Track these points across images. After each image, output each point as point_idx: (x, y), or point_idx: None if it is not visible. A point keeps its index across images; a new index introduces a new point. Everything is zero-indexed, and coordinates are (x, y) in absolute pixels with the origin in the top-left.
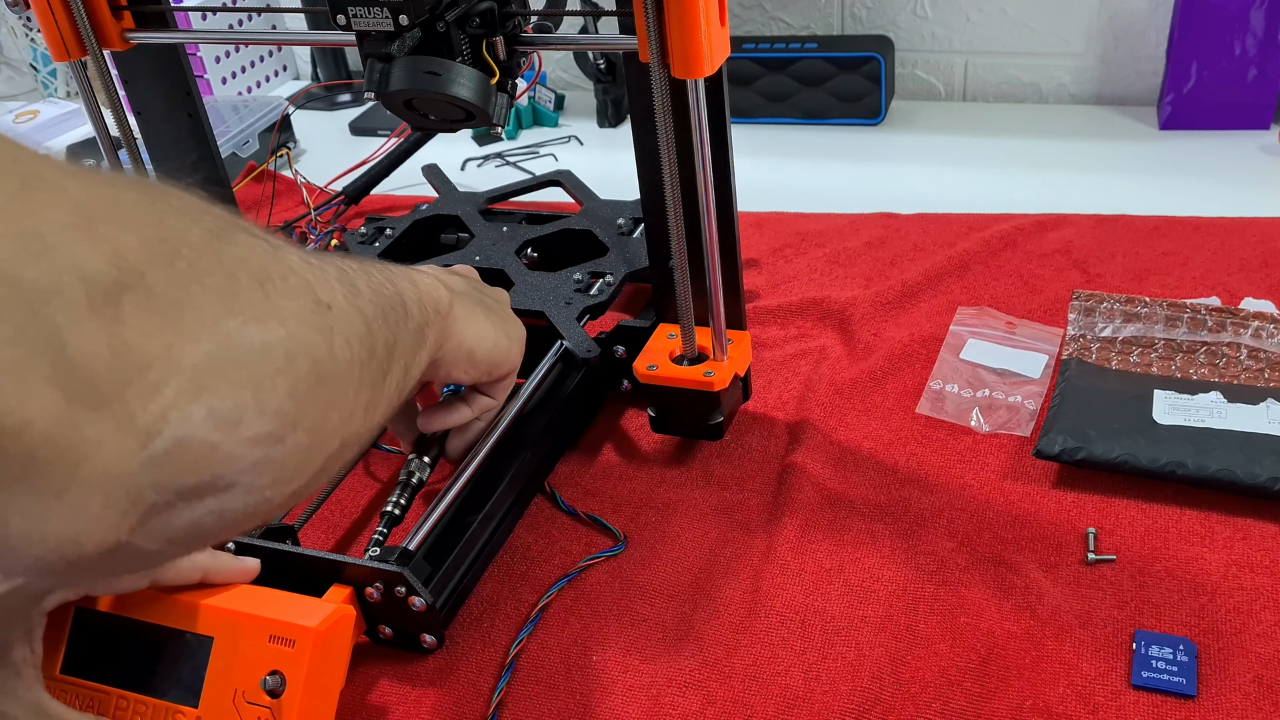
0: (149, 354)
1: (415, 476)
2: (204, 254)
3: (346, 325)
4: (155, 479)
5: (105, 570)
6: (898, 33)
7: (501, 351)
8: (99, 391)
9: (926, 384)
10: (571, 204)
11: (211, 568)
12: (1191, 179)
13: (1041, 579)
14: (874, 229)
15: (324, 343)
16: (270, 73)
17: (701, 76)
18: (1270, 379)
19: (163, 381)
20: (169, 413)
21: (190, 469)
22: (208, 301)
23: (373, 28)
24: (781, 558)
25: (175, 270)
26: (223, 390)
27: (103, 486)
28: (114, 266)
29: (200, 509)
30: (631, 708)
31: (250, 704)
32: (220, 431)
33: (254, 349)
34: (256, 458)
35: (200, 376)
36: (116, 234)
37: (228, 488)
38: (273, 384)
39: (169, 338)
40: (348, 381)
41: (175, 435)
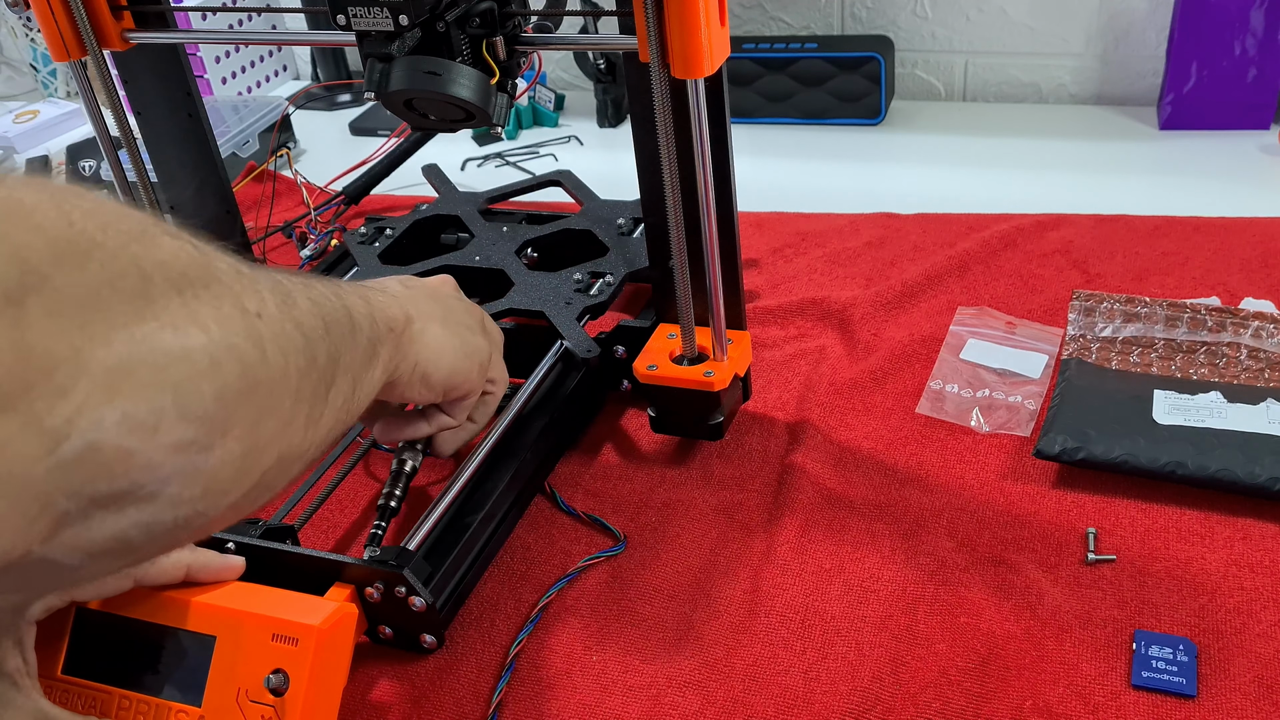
0: (55, 356)
1: (408, 464)
2: (118, 257)
3: (279, 333)
4: (65, 485)
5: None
6: (898, 33)
7: (460, 375)
8: (2, 393)
9: (926, 384)
10: (571, 204)
11: (195, 564)
12: (1191, 179)
13: (1041, 579)
14: (874, 229)
15: (253, 349)
16: (270, 73)
17: (701, 76)
18: (1270, 379)
19: (70, 385)
20: (77, 417)
21: (104, 475)
22: (120, 306)
23: (373, 28)
24: (781, 558)
25: (85, 273)
26: (137, 394)
27: (6, 490)
28: (15, 268)
29: (123, 520)
30: (631, 708)
31: (253, 703)
32: (135, 437)
33: (172, 353)
34: (180, 465)
35: (112, 380)
36: (17, 235)
37: (150, 497)
38: (196, 388)
39: (76, 341)
40: (283, 391)
41: (85, 440)
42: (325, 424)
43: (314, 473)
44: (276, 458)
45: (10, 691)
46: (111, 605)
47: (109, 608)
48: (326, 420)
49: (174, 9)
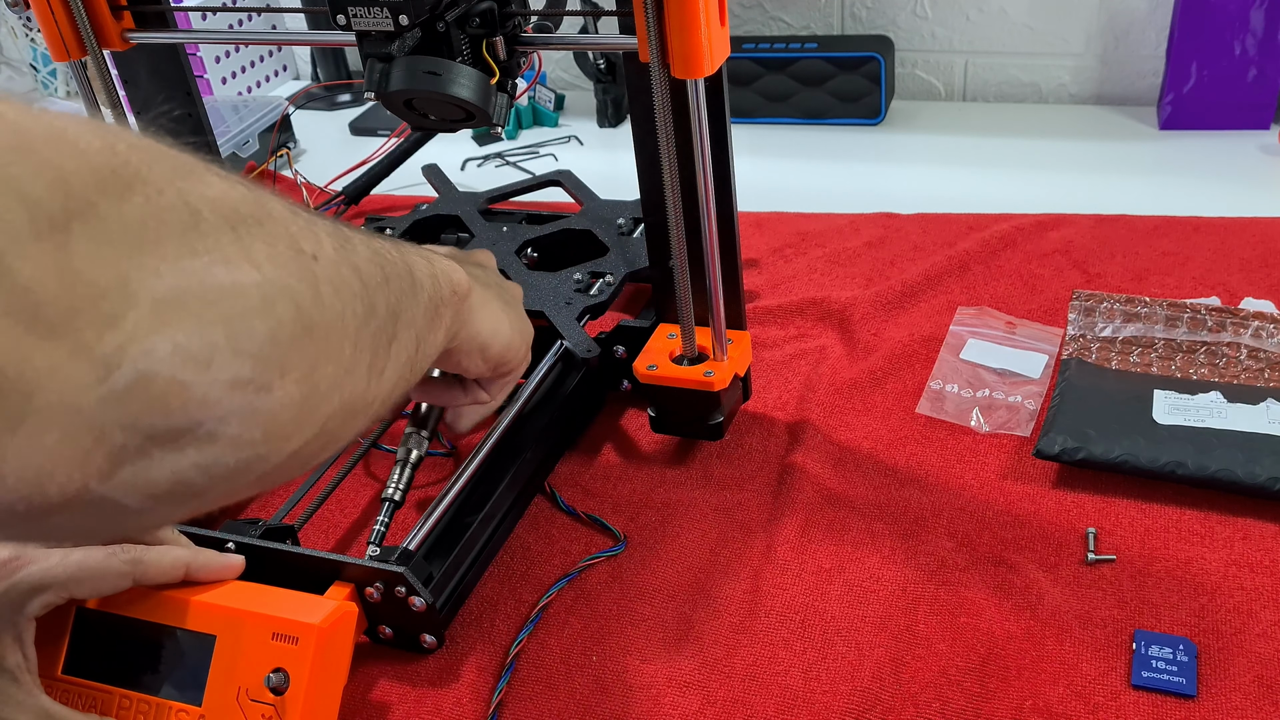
0: (102, 285)
1: (413, 454)
2: (164, 191)
3: (335, 277)
4: (119, 417)
5: (84, 526)
6: (898, 33)
7: (514, 350)
8: (48, 320)
9: (926, 384)
10: (571, 204)
11: (194, 564)
12: (1191, 179)
13: (1041, 579)
14: (874, 229)
15: (308, 290)
16: (270, 73)
17: (701, 76)
18: (1270, 379)
19: (119, 314)
20: (129, 345)
21: (159, 409)
22: (168, 238)
23: (373, 28)
24: (781, 558)
25: (130, 204)
26: (188, 326)
27: (60, 420)
28: (60, 193)
29: (183, 460)
30: (631, 708)
31: (254, 701)
32: (189, 370)
33: (223, 288)
34: (238, 404)
35: (162, 311)
36: (61, 161)
37: (210, 437)
38: (248, 325)
39: (124, 270)
40: (342, 336)
41: (137, 369)
42: (390, 378)
43: (314, 472)
44: (339, 405)
45: (11, 688)
46: (111, 605)
47: (109, 607)
48: (390, 374)
49: (174, 9)
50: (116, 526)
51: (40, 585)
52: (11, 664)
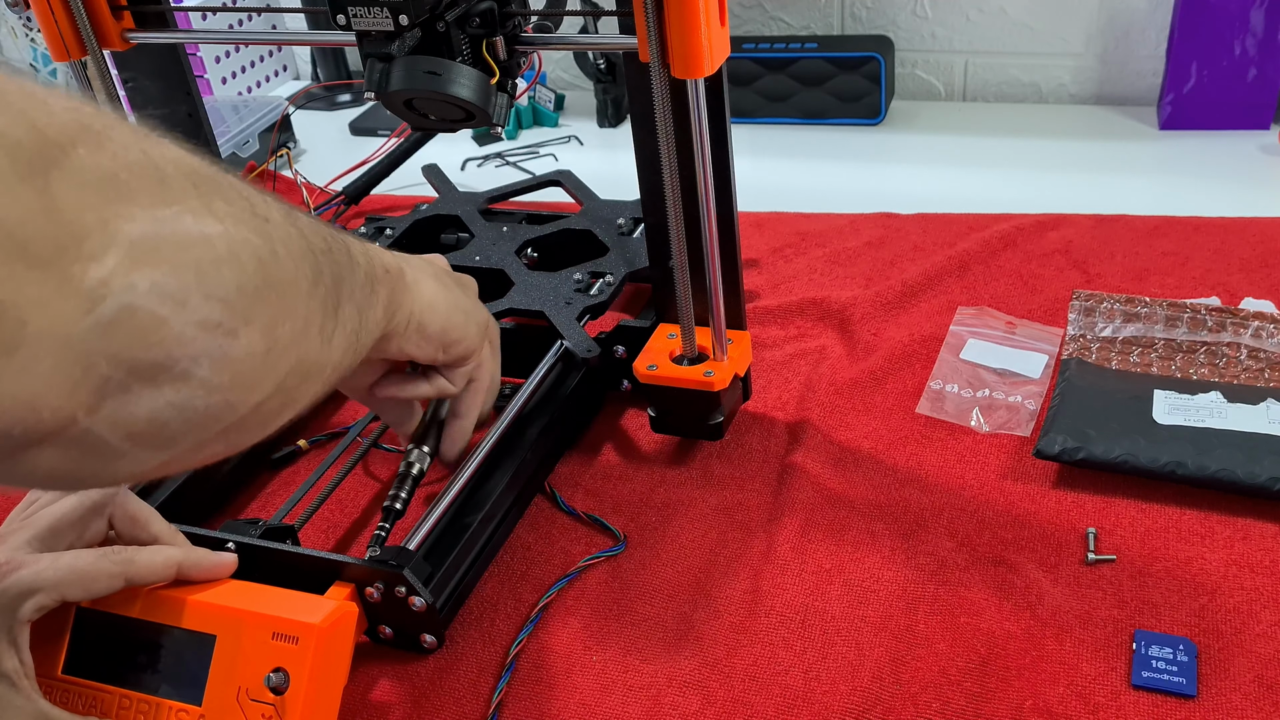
0: (85, 225)
1: (415, 468)
2: (130, 147)
3: (287, 239)
4: (105, 347)
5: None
6: (898, 33)
7: (457, 328)
8: (37, 255)
9: (926, 384)
10: (571, 204)
11: (187, 562)
12: (1191, 179)
13: (1041, 579)
14: (874, 229)
15: (265, 246)
16: (270, 73)
17: (701, 76)
18: (1270, 379)
19: (101, 252)
20: (111, 279)
21: (140, 342)
22: (140, 188)
23: (373, 28)
24: (781, 558)
25: (101, 155)
26: (164, 268)
27: (51, 347)
28: (36, 139)
29: (159, 399)
30: (631, 708)
31: (254, 701)
32: (167, 306)
33: (192, 236)
34: (208, 345)
35: (139, 253)
36: (35, 113)
37: (184, 376)
38: (217, 272)
39: (104, 214)
40: (297, 294)
41: (120, 302)
42: (338, 345)
43: (314, 472)
44: (296, 362)
45: (9, 693)
46: (111, 605)
47: (109, 607)
48: (338, 341)
49: (174, 9)
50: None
51: (32, 588)
52: (8, 668)
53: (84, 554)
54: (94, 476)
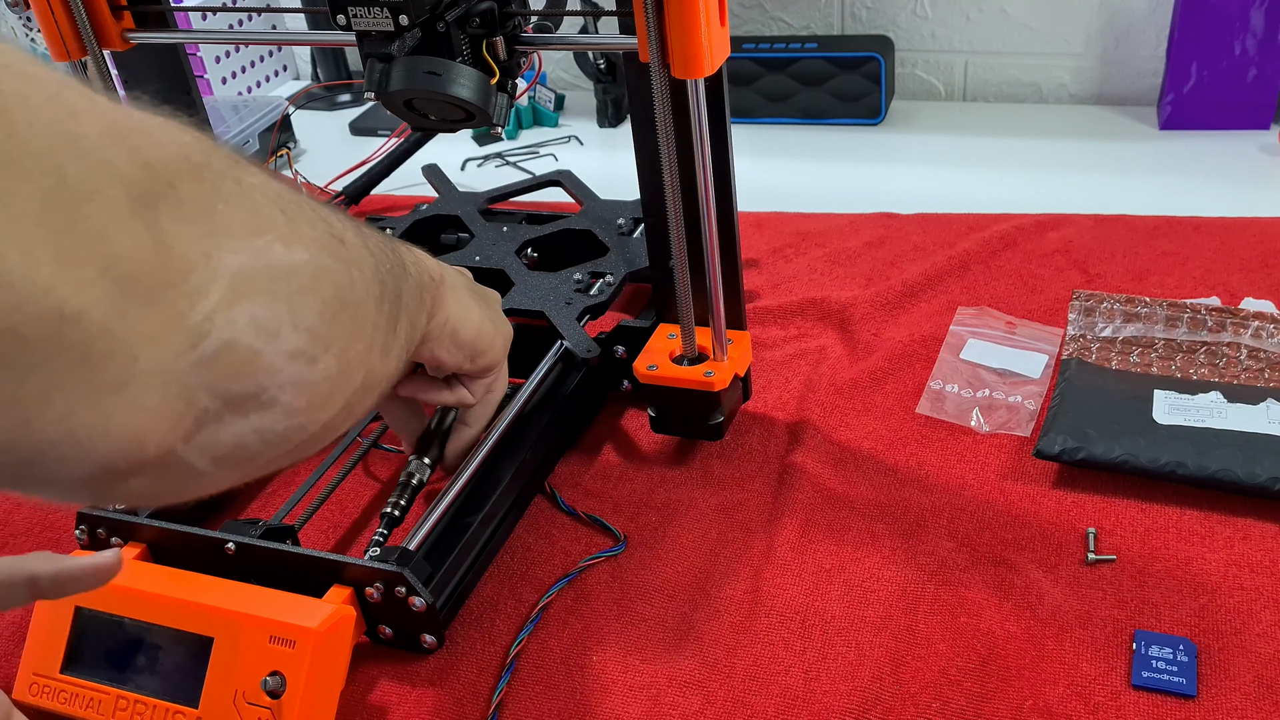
0: (190, 259)
1: (415, 478)
2: (225, 177)
3: (360, 261)
4: (207, 381)
5: (153, 489)
6: (898, 33)
7: (486, 339)
8: (147, 290)
9: (926, 384)
10: (571, 204)
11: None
12: (1191, 179)
13: (1041, 579)
14: (874, 229)
15: (343, 271)
16: (270, 73)
17: (701, 76)
18: (1270, 379)
19: (205, 286)
20: (215, 314)
21: (238, 375)
22: (235, 218)
23: (373, 28)
24: (781, 558)
25: (202, 186)
26: (261, 300)
27: (159, 382)
28: (146, 174)
29: (245, 425)
30: (631, 708)
31: (250, 704)
32: (262, 339)
33: (282, 266)
34: (293, 374)
35: (238, 285)
36: (145, 147)
37: (270, 404)
38: (304, 301)
39: (206, 246)
40: (366, 315)
41: (222, 338)
42: (394, 358)
43: (314, 472)
44: (361, 381)
45: None
46: (111, 605)
47: (109, 608)
48: (395, 354)
49: (174, 9)
50: (180, 490)
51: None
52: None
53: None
54: (175, 495)
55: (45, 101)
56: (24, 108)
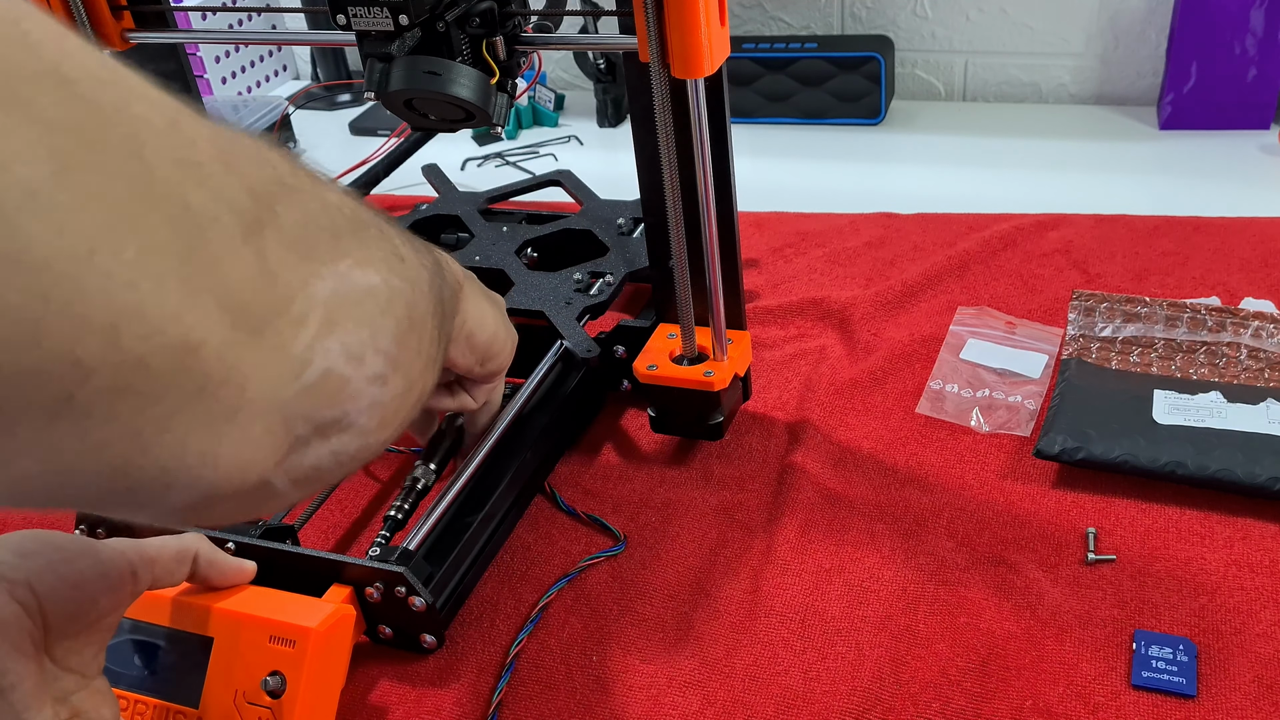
0: (291, 287)
1: (420, 483)
2: (312, 199)
3: (419, 278)
4: (305, 409)
5: (239, 512)
6: (898, 33)
7: (499, 342)
8: (255, 319)
9: (926, 384)
10: (571, 204)
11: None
12: (1191, 179)
13: (1041, 579)
14: (874, 229)
15: (410, 290)
16: (270, 73)
17: (701, 76)
18: (1270, 379)
19: (306, 314)
20: (315, 344)
21: (330, 403)
22: (321, 242)
23: (373, 28)
24: (781, 558)
25: (296, 210)
26: (349, 326)
27: (265, 412)
28: (252, 200)
29: (325, 449)
30: (631, 708)
31: (251, 704)
32: (351, 366)
33: (362, 289)
34: (372, 397)
35: (331, 312)
36: (250, 171)
37: (348, 428)
38: (382, 324)
39: (303, 273)
40: (426, 332)
41: (321, 367)
42: (436, 368)
43: None
44: (417, 396)
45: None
46: None
47: None
48: (437, 364)
49: (174, 9)
50: (257, 511)
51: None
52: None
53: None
54: (250, 516)
55: (167, 127)
56: (150, 133)
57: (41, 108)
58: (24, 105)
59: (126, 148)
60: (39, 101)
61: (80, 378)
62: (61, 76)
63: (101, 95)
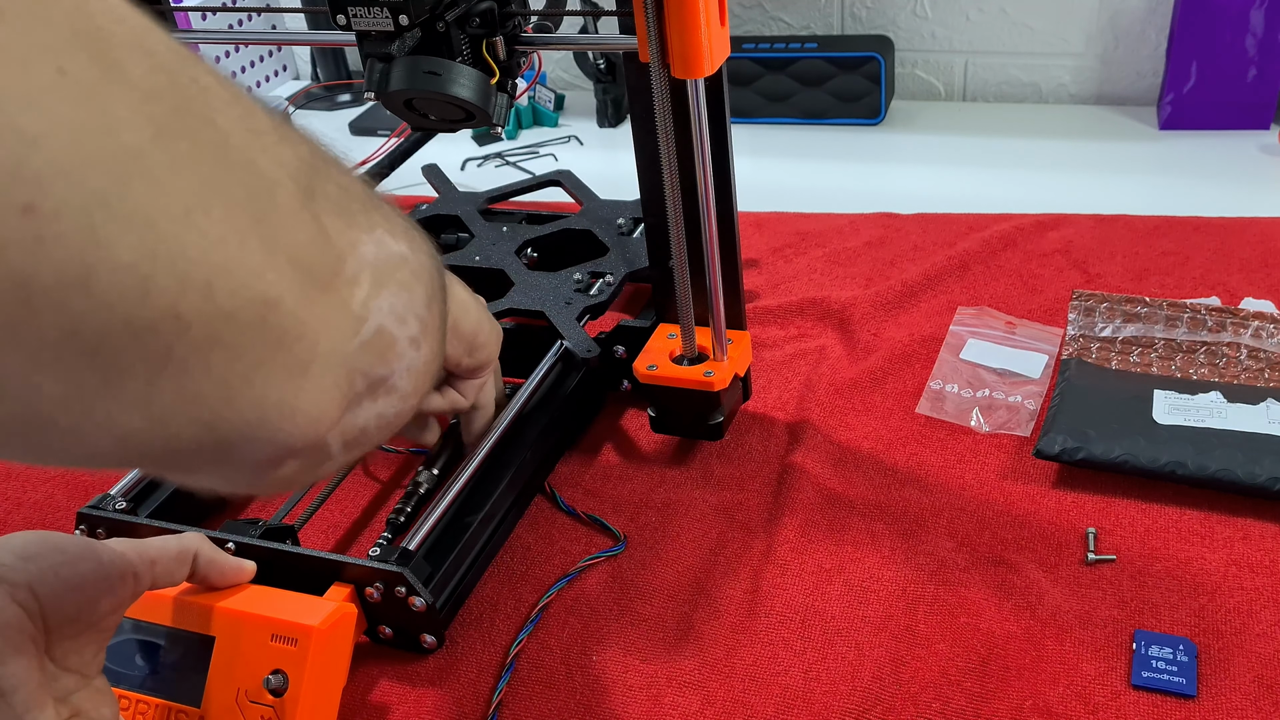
0: (342, 249)
1: (423, 488)
2: (341, 174)
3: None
4: (364, 365)
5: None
6: (898, 33)
7: (484, 332)
8: (320, 278)
9: (926, 384)
10: (571, 204)
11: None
12: (1191, 179)
13: (1041, 579)
14: (874, 229)
15: (428, 262)
16: (270, 73)
17: (701, 76)
18: (1270, 379)
19: (358, 274)
20: (369, 301)
21: (381, 360)
22: (359, 213)
23: (373, 28)
24: (781, 558)
25: (331, 181)
26: (393, 288)
27: (335, 364)
28: (305, 169)
29: (373, 410)
30: (631, 708)
31: (253, 703)
32: (397, 326)
33: (395, 257)
34: (411, 359)
35: (377, 274)
36: (297, 143)
37: (392, 389)
38: (416, 290)
39: (351, 237)
40: (439, 303)
41: (376, 323)
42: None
43: None
44: (437, 368)
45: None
46: None
47: None
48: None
49: (174, 9)
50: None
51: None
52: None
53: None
54: (307, 480)
55: (232, 98)
56: (220, 103)
57: (137, 77)
58: (124, 74)
59: (204, 115)
60: (134, 71)
61: (180, 331)
62: (146, 48)
63: (177, 67)
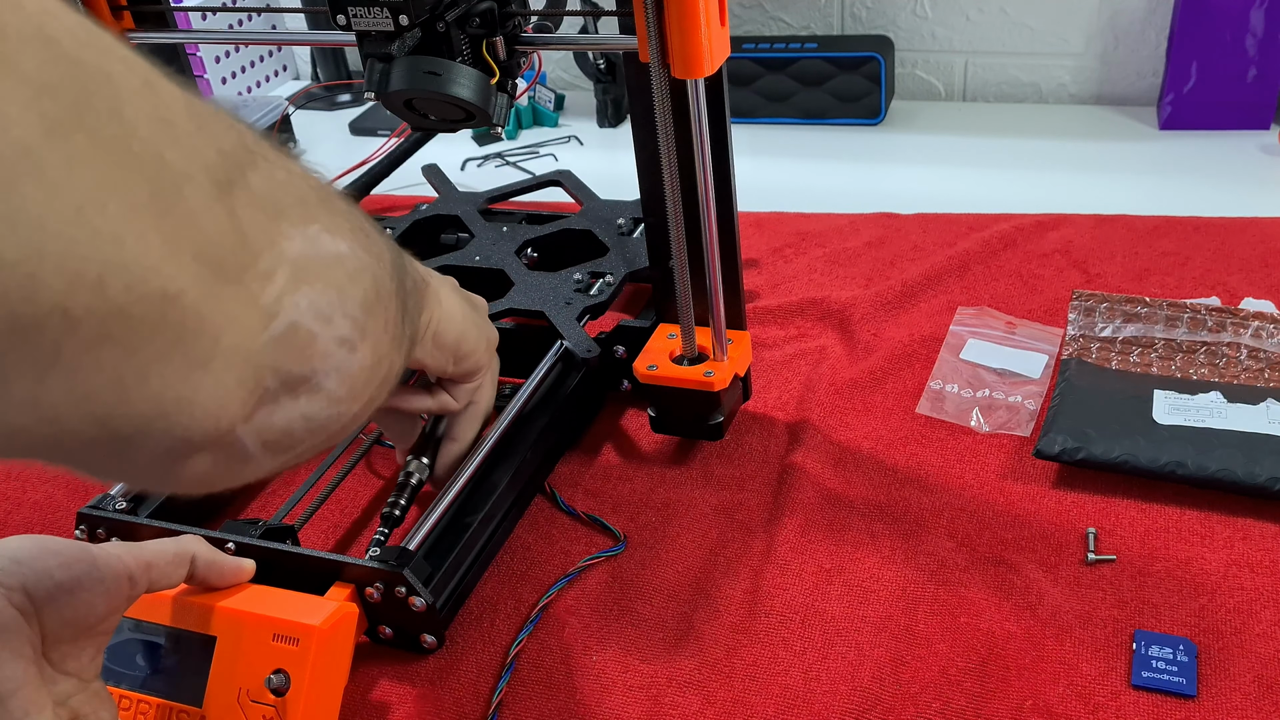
0: (259, 244)
1: (415, 477)
2: (278, 167)
3: (382, 253)
4: (273, 361)
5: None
6: (898, 33)
7: (470, 342)
8: (228, 271)
9: (926, 384)
10: (571, 204)
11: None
12: (1191, 179)
13: (1041, 579)
14: (874, 229)
15: (375, 263)
16: (270, 73)
17: (701, 76)
18: (1270, 379)
19: (274, 269)
20: (283, 297)
21: (298, 357)
22: (291, 208)
23: (373, 28)
24: (781, 558)
25: (261, 175)
26: (318, 286)
27: (237, 361)
28: (223, 161)
29: (295, 410)
30: (631, 708)
31: (255, 703)
32: (318, 324)
33: (331, 255)
34: (339, 360)
35: (298, 271)
36: (220, 134)
37: (316, 389)
38: (349, 290)
39: (271, 232)
40: (391, 308)
41: (288, 320)
42: (404, 351)
43: (314, 472)
44: (385, 373)
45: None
46: None
47: None
48: (404, 347)
49: (174, 9)
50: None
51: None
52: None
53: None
54: (227, 480)
55: (143, 86)
56: (128, 93)
57: (30, 70)
58: (13, 67)
59: (108, 107)
60: (27, 64)
61: (69, 329)
62: (46, 36)
63: (83, 55)
